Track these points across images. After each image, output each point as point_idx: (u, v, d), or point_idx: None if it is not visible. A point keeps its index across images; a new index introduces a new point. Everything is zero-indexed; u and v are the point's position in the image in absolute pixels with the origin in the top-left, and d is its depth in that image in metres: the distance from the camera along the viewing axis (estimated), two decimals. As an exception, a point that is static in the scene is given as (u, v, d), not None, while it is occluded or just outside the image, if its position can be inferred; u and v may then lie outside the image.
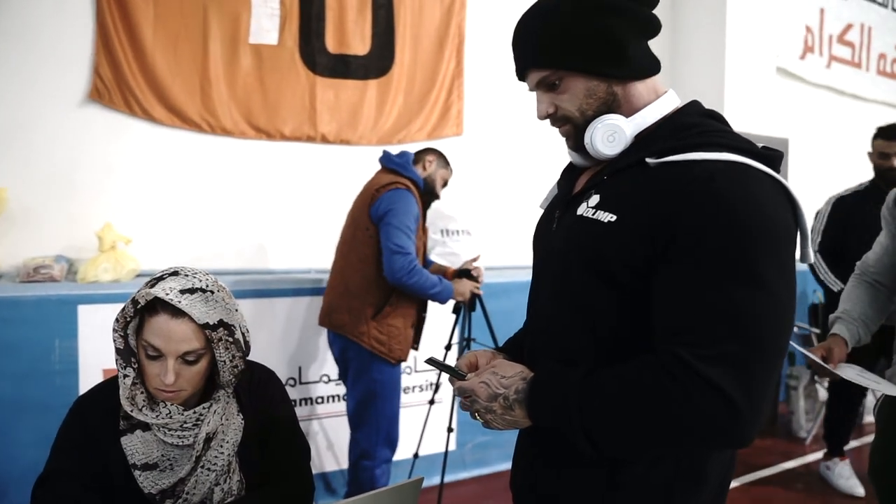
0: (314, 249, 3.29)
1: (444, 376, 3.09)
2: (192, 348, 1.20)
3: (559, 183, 1.25)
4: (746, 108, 4.52)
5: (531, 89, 1.11)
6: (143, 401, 1.23)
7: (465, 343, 2.89)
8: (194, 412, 1.25)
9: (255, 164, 3.26)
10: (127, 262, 2.75)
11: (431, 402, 3.00)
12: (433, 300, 2.60)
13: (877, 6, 5.86)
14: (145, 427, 1.24)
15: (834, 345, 1.80)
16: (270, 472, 1.39)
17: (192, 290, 1.20)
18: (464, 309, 2.87)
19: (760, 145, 0.97)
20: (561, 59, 1.03)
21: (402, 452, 2.94)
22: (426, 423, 3.05)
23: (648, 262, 0.93)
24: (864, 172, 3.39)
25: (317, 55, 3.30)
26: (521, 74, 1.11)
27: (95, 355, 2.55)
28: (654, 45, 1.08)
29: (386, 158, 2.66)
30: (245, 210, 3.25)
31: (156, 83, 2.94)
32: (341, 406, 3.06)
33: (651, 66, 1.06)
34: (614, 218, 0.97)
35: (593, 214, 1.00)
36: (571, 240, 1.04)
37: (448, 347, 2.96)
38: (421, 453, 3.14)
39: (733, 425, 0.85)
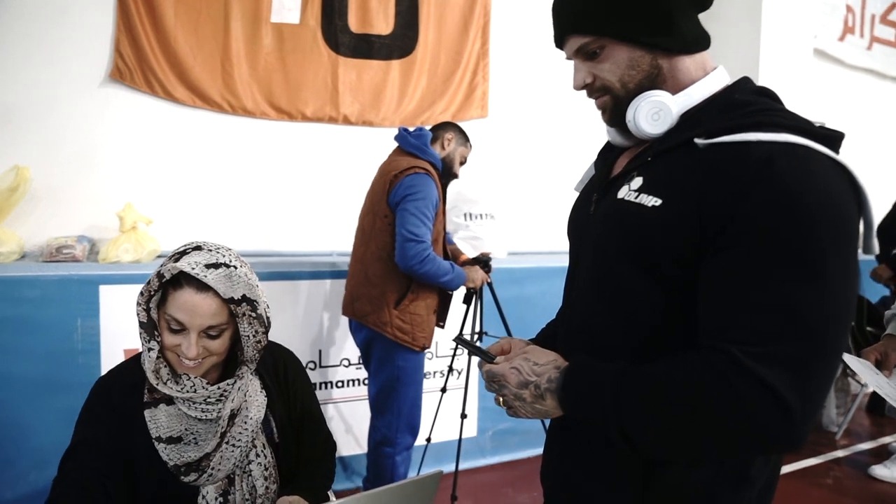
0: (335, 232, 3.26)
1: (461, 361, 3.10)
2: (216, 322, 1.20)
3: (596, 163, 1.18)
4: (781, 91, 4.35)
5: (568, 57, 1.04)
6: (168, 374, 1.24)
7: (477, 336, 2.83)
8: (218, 387, 1.25)
9: (276, 145, 3.23)
10: (147, 242, 2.75)
11: (443, 390, 2.96)
12: (444, 287, 2.54)
13: (923, -16, 5.61)
14: (169, 401, 1.24)
15: (891, 348, 1.63)
16: (302, 453, 1.41)
17: (216, 265, 1.20)
18: (475, 299, 2.81)
19: (818, 124, 0.88)
20: (604, 25, 0.95)
21: (417, 438, 2.92)
22: (438, 409, 3.02)
23: (697, 250, 0.85)
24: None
25: (339, 35, 3.24)
26: (560, 41, 1.04)
27: (116, 335, 2.55)
28: None
29: (402, 138, 2.55)
30: (266, 191, 3.23)
31: (177, 63, 2.92)
32: (361, 390, 3.04)
33: (700, 40, 0.98)
34: (659, 202, 0.89)
35: (636, 198, 0.93)
36: (611, 225, 0.97)
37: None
38: (439, 439, 3.11)
39: (786, 430, 0.77)
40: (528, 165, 3.89)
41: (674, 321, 0.91)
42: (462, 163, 2.69)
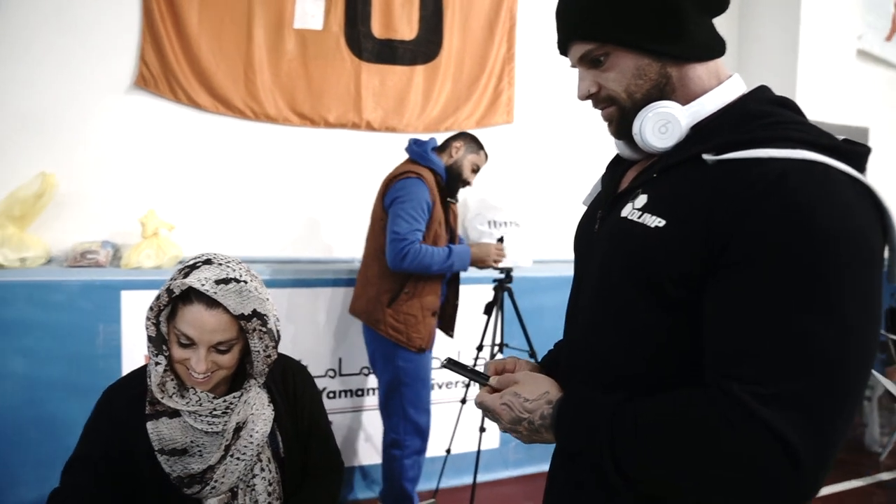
0: (357, 238, 3.23)
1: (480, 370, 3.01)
2: (226, 338, 1.20)
3: (603, 178, 1.11)
4: (821, 94, 4.19)
5: (573, 65, 0.98)
6: (174, 388, 1.23)
7: (498, 348, 2.79)
8: (224, 400, 1.24)
9: (298, 151, 3.23)
10: (169, 248, 2.77)
11: (463, 401, 2.91)
12: (452, 272, 2.58)
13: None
14: (173, 414, 1.24)
15: None
16: (307, 470, 1.40)
17: (226, 281, 1.19)
18: (495, 309, 2.76)
19: (841, 138, 0.80)
20: (608, 31, 0.89)
21: (435, 449, 2.87)
22: (458, 420, 2.97)
23: (701, 274, 0.79)
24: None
25: (362, 40, 3.23)
26: (564, 48, 0.98)
27: (137, 340, 2.58)
28: (719, 25, 0.94)
29: (408, 147, 2.64)
30: (288, 198, 3.23)
31: (200, 70, 2.94)
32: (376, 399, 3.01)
33: (714, 47, 0.91)
34: (663, 223, 0.83)
35: (639, 217, 0.87)
36: (614, 245, 0.91)
37: (479, 349, 2.86)
38: (459, 450, 3.07)
39: (792, 480, 0.70)
40: (553, 172, 3.82)
41: (678, 343, 0.84)
42: (474, 171, 2.71)
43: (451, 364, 1.08)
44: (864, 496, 3.26)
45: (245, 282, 1.21)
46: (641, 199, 0.89)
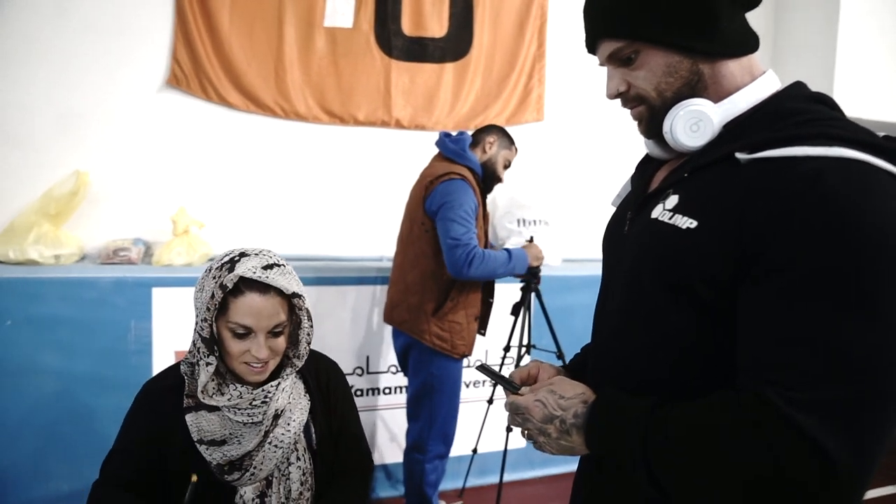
0: (387, 236, 3.23)
1: (508, 370, 2.99)
2: (281, 321, 1.24)
3: (633, 178, 1.09)
4: (860, 89, 4.05)
5: (601, 63, 0.96)
6: (214, 388, 1.25)
7: (525, 350, 2.75)
8: (262, 391, 1.26)
9: (328, 149, 3.23)
10: (199, 246, 2.79)
11: (490, 401, 2.89)
12: (512, 275, 2.50)
13: None
14: (212, 408, 1.26)
15: None
16: (335, 469, 1.42)
17: (270, 266, 1.24)
18: (523, 310, 2.72)
19: (881, 134, 0.77)
20: (639, 29, 0.87)
21: (461, 448, 2.86)
22: (485, 420, 2.95)
23: (735, 275, 0.76)
24: None
25: (392, 38, 3.21)
26: (592, 46, 0.96)
27: (168, 337, 2.61)
28: (751, 18, 0.90)
29: (441, 143, 2.52)
30: (318, 196, 3.24)
31: (231, 69, 2.96)
32: (403, 398, 3.01)
33: (747, 43, 0.89)
34: (695, 224, 0.81)
35: (670, 219, 0.85)
36: (644, 247, 0.89)
37: (507, 349, 2.83)
38: (485, 450, 3.05)
39: (829, 489, 0.67)
40: (584, 170, 3.77)
41: (704, 346, 0.82)
42: (506, 166, 2.62)
43: (484, 369, 1.08)
44: (902, 505, 3.17)
45: (283, 265, 1.27)
46: (672, 200, 0.87)
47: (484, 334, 2.66)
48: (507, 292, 2.99)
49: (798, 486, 0.68)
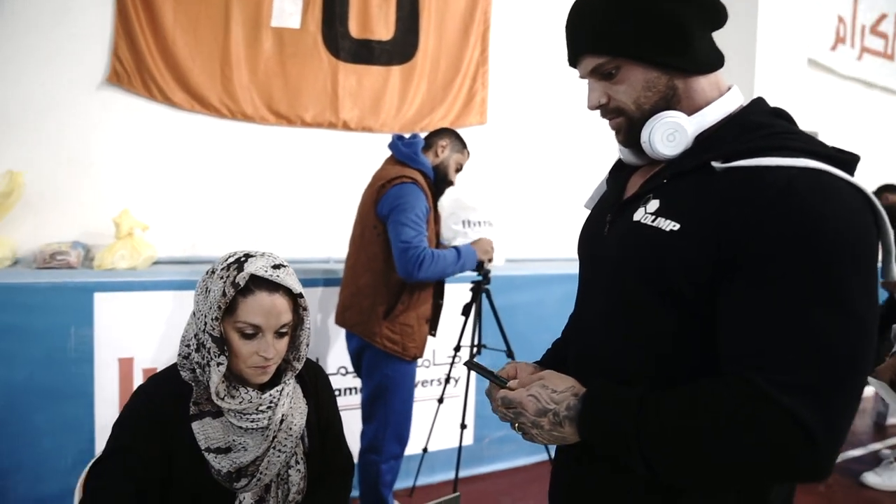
0: (333, 238, 3.23)
1: (459, 370, 3.09)
2: (288, 320, 1.26)
3: (608, 182, 1.17)
4: (776, 100, 4.36)
5: (582, 76, 1.03)
6: (224, 390, 1.25)
7: (476, 350, 2.81)
8: (269, 395, 1.28)
9: (275, 150, 3.19)
10: (144, 249, 2.70)
11: (440, 400, 2.94)
12: (463, 272, 2.53)
13: (912, -4, 5.68)
14: (216, 414, 1.25)
15: None
16: (325, 467, 1.43)
17: (278, 266, 1.25)
18: (473, 310, 2.79)
19: (831, 146, 0.88)
20: (621, 46, 0.94)
21: (412, 447, 2.90)
22: (435, 419, 3.00)
23: (715, 276, 0.85)
24: (892, 168, 3.28)
25: (340, 40, 3.21)
26: (574, 60, 1.02)
27: (111, 344, 2.51)
28: None
29: (394, 147, 2.54)
30: (264, 197, 3.19)
31: (176, 67, 2.87)
32: (357, 399, 3.02)
33: (715, 60, 0.98)
34: (677, 226, 0.89)
35: (653, 221, 0.92)
36: (627, 248, 0.96)
37: (457, 349, 2.90)
38: (434, 448, 3.10)
39: (811, 458, 0.77)
40: (526, 172, 3.89)
41: (688, 344, 0.90)
42: (458, 170, 2.65)
43: (473, 365, 1.11)
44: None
45: (288, 265, 1.29)
46: (654, 204, 0.94)
47: (434, 335, 2.69)
48: (457, 293, 3.05)
49: (783, 456, 0.78)
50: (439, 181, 2.58)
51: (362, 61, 3.28)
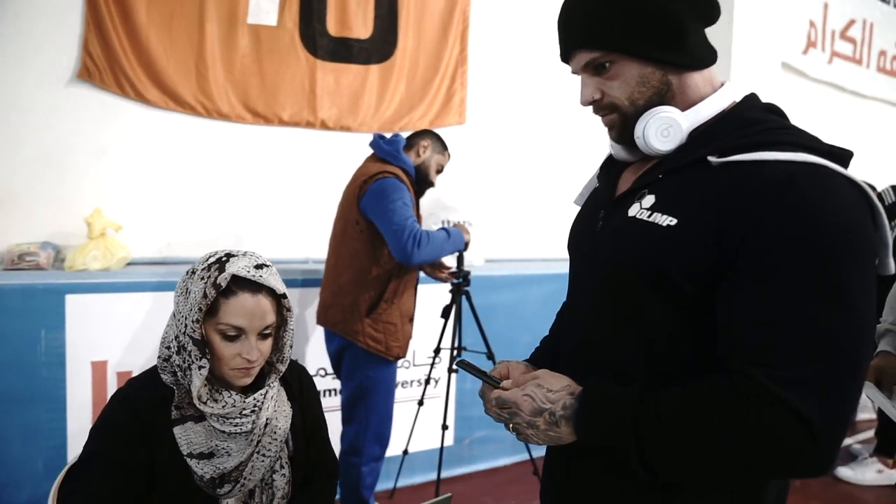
0: (311, 238, 3.19)
1: (439, 370, 3.07)
2: (271, 321, 1.23)
3: (599, 178, 1.16)
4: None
5: (574, 72, 1.02)
6: (207, 393, 1.22)
7: (457, 352, 2.80)
8: (254, 399, 1.25)
9: (252, 149, 3.14)
10: (117, 249, 2.64)
11: (420, 402, 2.92)
12: (454, 253, 2.53)
13: (879, 2, 5.81)
14: (199, 418, 1.22)
15: (886, 364, 1.54)
16: (310, 470, 1.41)
17: (260, 266, 1.22)
18: (453, 311, 2.78)
19: (825, 143, 0.88)
20: (616, 41, 0.93)
21: (392, 449, 2.88)
22: (416, 419, 2.99)
23: (713, 271, 0.84)
24: (861, 171, 3.33)
25: (317, 38, 3.17)
26: (566, 55, 1.01)
27: (83, 347, 2.45)
28: None
29: (375, 145, 2.53)
30: (241, 197, 3.14)
31: (149, 63, 2.81)
32: (336, 400, 2.98)
33: (709, 56, 0.98)
34: (675, 221, 0.88)
35: (649, 217, 0.92)
36: (622, 244, 0.95)
37: (437, 352, 2.88)
38: (415, 449, 3.09)
39: (813, 454, 0.77)
40: (505, 173, 3.88)
41: (682, 339, 0.90)
42: (439, 171, 2.66)
43: (464, 365, 1.10)
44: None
45: (270, 265, 1.26)
46: (649, 199, 0.94)
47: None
48: (436, 295, 3.04)
49: (785, 451, 0.77)
50: (420, 181, 2.59)
51: (340, 59, 3.24)
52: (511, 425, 0.97)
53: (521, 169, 3.91)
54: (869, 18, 5.71)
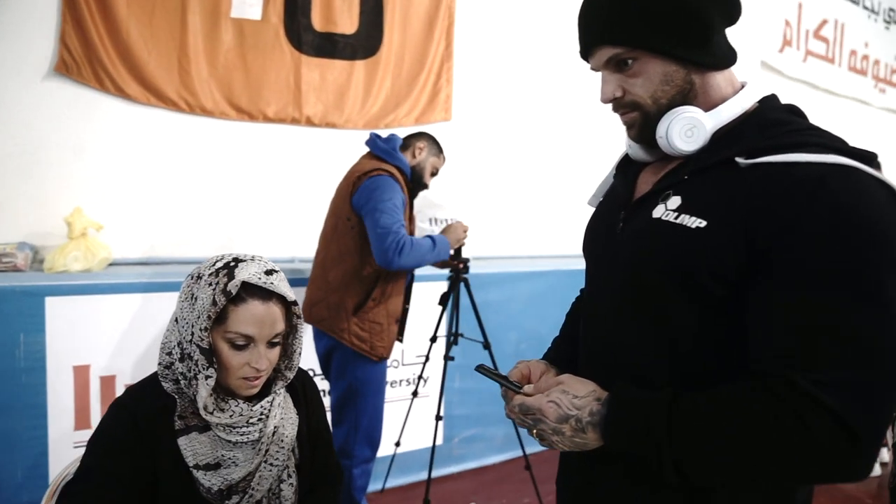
0: (297, 237, 3.13)
1: (430, 369, 3.04)
2: (281, 329, 1.19)
3: (616, 178, 1.14)
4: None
5: (594, 68, 1.00)
6: (213, 403, 1.18)
7: (453, 339, 2.78)
8: (261, 406, 1.22)
9: (236, 146, 3.06)
10: (98, 249, 2.55)
11: (415, 394, 2.90)
12: (437, 262, 2.51)
13: (849, 3, 5.93)
14: (203, 428, 1.18)
15: None
16: (315, 477, 1.38)
17: (270, 272, 1.18)
18: (451, 300, 2.77)
19: (850, 144, 0.88)
20: (640, 37, 0.91)
21: (384, 448, 2.85)
22: (408, 417, 2.97)
23: (745, 272, 0.83)
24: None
25: (302, 33, 3.11)
26: (587, 51, 0.99)
27: (65, 351, 2.38)
28: None
29: (372, 143, 2.52)
30: (225, 195, 3.06)
31: (130, 57, 2.71)
32: (327, 402, 2.94)
33: (731, 56, 0.97)
34: (704, 223, 0.86)
35: (676, 218, 0.90)
36: (647, 245, 0.94)
37: (433, 340, 2.87)
38: (406, 448, 3.07)
39: (854, 458, 0.76)
40: (491, 170, 3.86)
41: (707, 342, 0.88)
42: (433, 174, 2.66)
43: (484, 370, 1.07)
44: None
45: (280, 270, 1.22)
46: (675, 201, 0.92)
47: (401, 341, 2.65)
48: (431, 287, 3.01)
49: (827, 456, 0.76)
50: (415, 182, 2.58)
51: (326, 55, 3.18)
52: (535, 431, 0.95)
53: (508, 166, 3.89)
54: (840, 19, 5.83)
